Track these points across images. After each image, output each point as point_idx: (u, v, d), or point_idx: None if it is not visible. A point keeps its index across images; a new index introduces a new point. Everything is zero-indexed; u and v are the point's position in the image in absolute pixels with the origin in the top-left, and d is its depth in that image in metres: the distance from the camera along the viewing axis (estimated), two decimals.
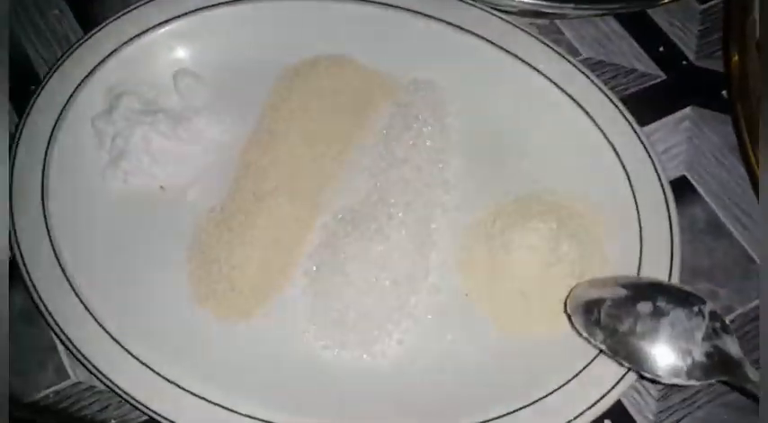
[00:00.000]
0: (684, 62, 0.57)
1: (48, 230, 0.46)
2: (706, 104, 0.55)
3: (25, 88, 0.53)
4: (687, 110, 0.55)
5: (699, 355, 0.39)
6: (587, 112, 0.51)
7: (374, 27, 0.54)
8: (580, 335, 0.43)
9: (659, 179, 0.49)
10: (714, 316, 0.40)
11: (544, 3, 0.51)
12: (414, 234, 0.48)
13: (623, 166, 0.49)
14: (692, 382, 0.40)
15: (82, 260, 0.46)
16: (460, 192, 0.50)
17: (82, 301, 0.45)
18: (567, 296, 0.44)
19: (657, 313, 0.41)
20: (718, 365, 0.39)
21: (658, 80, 0.56)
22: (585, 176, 0.50)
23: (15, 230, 0.46)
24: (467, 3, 0.53)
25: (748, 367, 0.40)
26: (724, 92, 0.55)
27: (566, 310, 0.44)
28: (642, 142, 0.50)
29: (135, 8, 0.52)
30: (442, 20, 0.53)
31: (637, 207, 0.48)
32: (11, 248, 0.45)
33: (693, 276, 0.50)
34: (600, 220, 0.49)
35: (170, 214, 0.49)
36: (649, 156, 0.49)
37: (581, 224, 0.48)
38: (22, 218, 0.46)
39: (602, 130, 0.50)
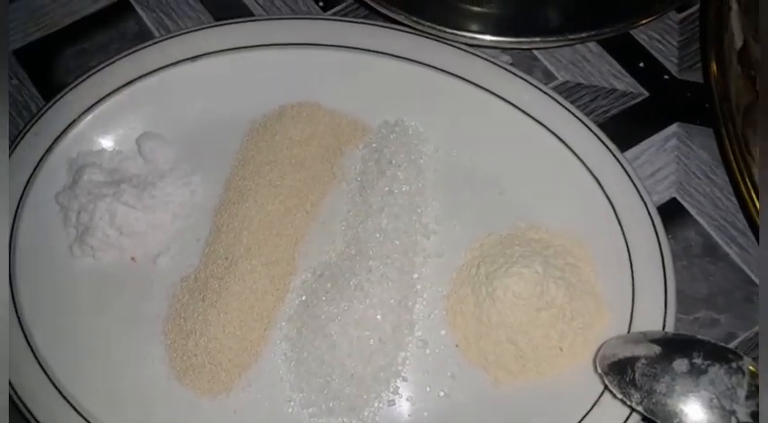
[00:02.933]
0: (667, 76, 0.55)
1: (17, 313, 0.45)
2: (692, 119, 0.53)
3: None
4: (673, 127, 0.53)
5: (744, 415, 0.36)
6: (565, 143, 0.49)
7: (339, 71, 0.52)
8: (614, 396, 0.40)
9: (646, 207, 0.47)
10: (754, 374, 0.37)
11: (510, 40, 0.49)
12: (396, 287, 0.46)
13: (607, 197, 0.48)
14: None
15: (56, 343, 0.45)
16: (441, 236, 0.49)
17: (54, 385, 0.44)
18: (596, 355, 0.42)
19: (695, 371, 0.38)
20: None
21: (641, 98, 0.54)
22: (569, 209, 0.48)
23: None
24: (431, 39, 0.51)
25: None
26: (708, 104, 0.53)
27: (596, 370, 0.42)
28: (625, 170, 0.48)
29: (91, 75, 0.51)
30: (408, 58, 0.51)
31: (625, 238, 0.46)
32: None
33: (692, 304, 0.48)
34: (588, 255, 0.47)
35: (143, 286, 0.47)
36: (633, 184, 0.47)
37: (569, 262, 0.46)
38: None
39: (581, 160, 0.48)
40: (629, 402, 0.39)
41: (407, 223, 0.48)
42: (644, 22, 0.50)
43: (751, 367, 0.37)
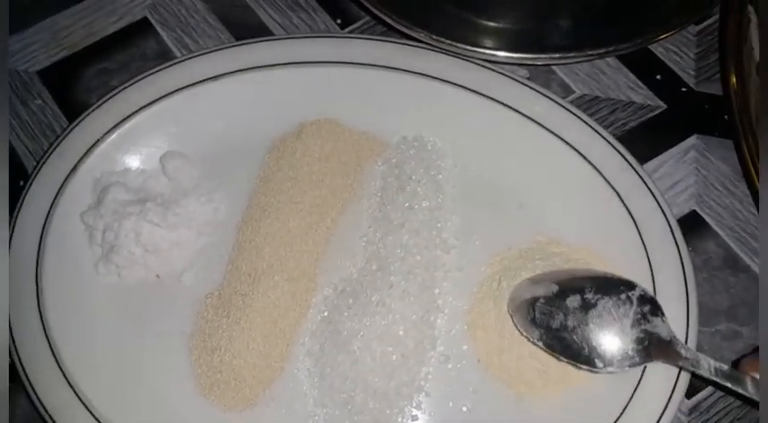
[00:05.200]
0: (684, 89, 0.55)
1: (45, 333, 0.46)
2: (711, 131, 0.53)
3: (13, 183, 0.53)
4: (692, 139, 0.53)
5: (629, 341, 0.41)
6: (583, 156, 0.49)
7: (358, 88, 0.52)
8: (521, 333, 0.44)
9: (666, 219, 0.47)
10: (643, 300, 0.42)
11: (529, 56, 0.49)
12: (417, 302, 0.46)
13: (627, 209, 0.48)
14: (627, 369, 0.41)
15: (83, 361, 0.46)
16: (461, 251, 0.49)
17: (84, 403, 0.44)
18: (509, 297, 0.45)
19: (585, 306, 0.42)
20: (650, 349, 0.41)
21: (658, 111, 0.54)
22: (589, 223, 0.48)
23: (12, 336, 0.45)
24: (448, 54, 0.52)
25: (680, 346, 0.41)
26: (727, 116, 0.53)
27: (508, 311, 0.45)
28: (645, 182, 0.48)
29: (114, 95, 0.52)
30: (426, 74, 0.52)
31: (645, 251, 0.46)
32: (10, 354, 0.45)
33: (714, 316, 0.48)
34: (609, 268, 0.47)
35: (168, 303, 0.48)
36: (653, 196, 0.47)
37: None
38: (18, 322, 0.46)
39: (601, 173, 0.49)
40: (531, 339, 0.43)
41: (428, 238, 0.48)
42: (663, 37, 0.50)
43: (641, 293, 0.42)
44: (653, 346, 0.41)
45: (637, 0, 0.55)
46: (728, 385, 0.39)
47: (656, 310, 0.42)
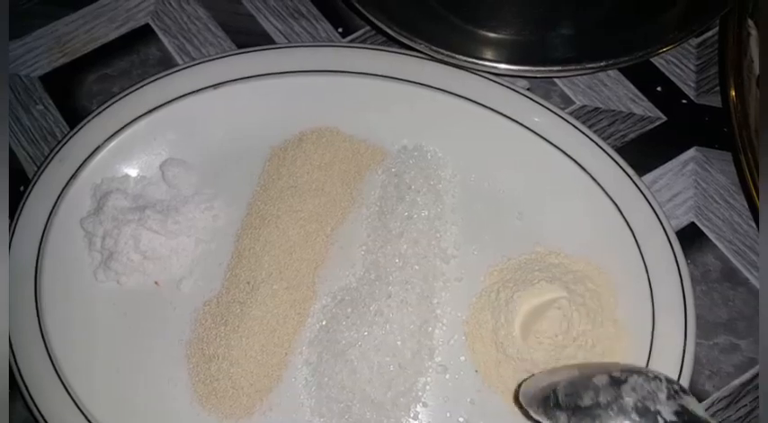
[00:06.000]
0: (684, 101, 0.55)
1: (43, 338, 0.46)
2: (710, 144, 0.53)
3: (14, 189, 0.53)
4: (691, 151, 0.53)
5: (668, 414, 0.37)
6: (583, 167, 0.49)
7: (358, 97, 0.53)
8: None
9: (665, 232, 0.47)
10: (670, 380, 0.38)
11: (529, 68, 0.49)
12: (416, 312, 0.46)
13: (626, 221, 0.48)
14: None
15: (80, 367, 0.46)
16: (460, 261, 0.49)
17: (81, 410, 0.44)
18: (516, 395, 0.43)
19: (615, 382, 0.38)
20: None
21: (658, 123, 0.54)
22: (587, 234, 0.48)
23: (10, 342, 0.45)
24: (449, 65, 0.52)
25: None
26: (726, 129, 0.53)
27: (520, 407, 0.42)
28: (644, 194, 0.48)
29: (115, 101, 0.52)
30: (426, 84, 0.52)
31: (644, 263, 0.47)
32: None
33: (712, 329, 0.48)
34: (607, 280, 0.47)
35: (166, 310, 0.48)
36: (652, 208, 0.47)
37: (589, 288, 0.46)
38: (15, 328, 0.46)
39: (600, 185, 0.49)
40: None
41: (426, 248, 0.48)
42: (663, 50, 0.50)
43: (667, 376, 0.38)
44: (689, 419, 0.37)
45: (637, 13, 0.55)
46: None
47: (686, 390, 0.39)
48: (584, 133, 0.50)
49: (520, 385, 0.43)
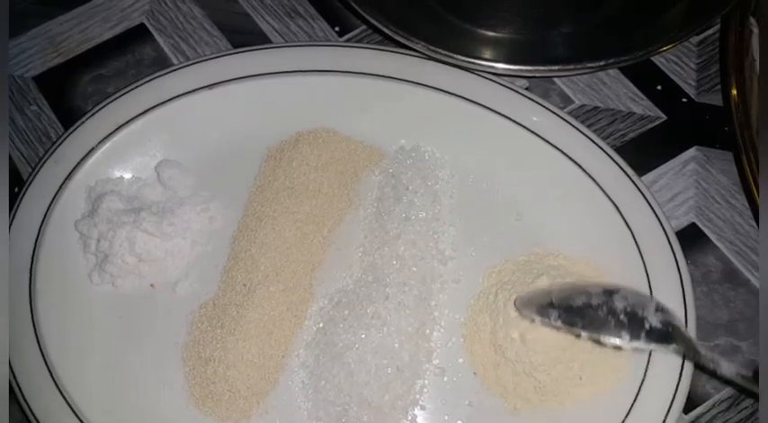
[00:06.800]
0: (685, 99, 0.55)
1: (38, 341, 0.45)
2: (711, 143, 0.53)
3: (9, 190, 0.52)
4: (692, 150, 0.53)
5: (655, 321, 0.41)
6: (582, 167, 0.49)
7: (355, 98, 0.52)
8: (532, 321, 0.43)
9: (664, 232, 0.46)
10: (660, 302, 0.42)
11: (529, 68, 0.49)
12: (413, 314, 0.46)
13: (625, 222, 0.47)
14: (652, 346, 0.41)
15: (75, 370, 0.45)
16: (458, 263, 0.49)
17: (76, 413, 0.44)
18: (515, 301, 0.45)
19: (609, 292, 0.42)
20: (673, 334, 0.41)
21: (658, 122, 0.54)
22: (586, 235, 0.48)
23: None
24: (446, 65, 0.51)
25: (698, 344, 0.41)
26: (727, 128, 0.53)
27: (516, 308, 0.44)
28: (643, 195, 0.47)
29: (110, 102, 0.51)
30: (424, 84, 0.51)
31: (644, 264, 0.46)
32: None
33: (713, 331, 0.47)
34: (607, 281, 0.46)
35: (162, 313, 0.48)
36: (652, 209, 0.47)
37: None
38: (10, 330, 0.45)
39: (599, 185, 0.48)
40: (546, 321, 0.42)
41: (424, 250, 0.48)
42: (663, 49, 0.50)
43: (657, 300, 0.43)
44: (675, 333, 0.41)
45: (637, 12, 0.54)
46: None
47: (671, 313, 0.42)
48: (583, 133, 0.49)
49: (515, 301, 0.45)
